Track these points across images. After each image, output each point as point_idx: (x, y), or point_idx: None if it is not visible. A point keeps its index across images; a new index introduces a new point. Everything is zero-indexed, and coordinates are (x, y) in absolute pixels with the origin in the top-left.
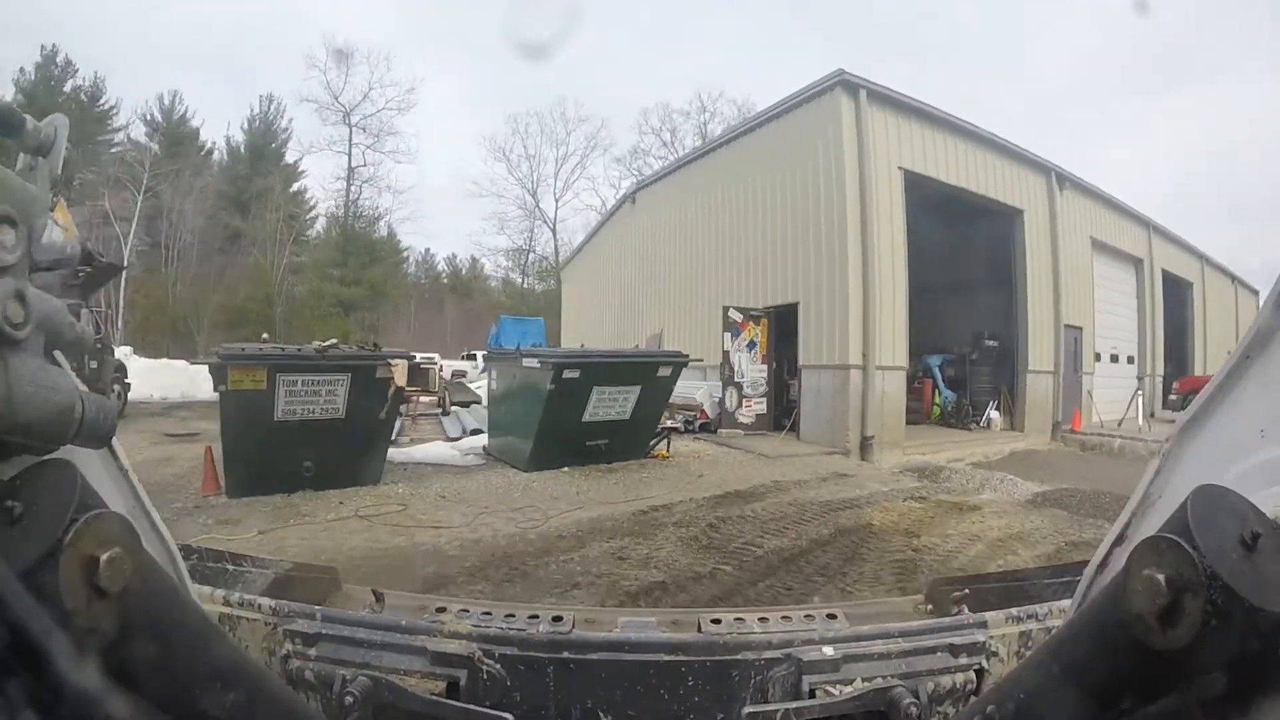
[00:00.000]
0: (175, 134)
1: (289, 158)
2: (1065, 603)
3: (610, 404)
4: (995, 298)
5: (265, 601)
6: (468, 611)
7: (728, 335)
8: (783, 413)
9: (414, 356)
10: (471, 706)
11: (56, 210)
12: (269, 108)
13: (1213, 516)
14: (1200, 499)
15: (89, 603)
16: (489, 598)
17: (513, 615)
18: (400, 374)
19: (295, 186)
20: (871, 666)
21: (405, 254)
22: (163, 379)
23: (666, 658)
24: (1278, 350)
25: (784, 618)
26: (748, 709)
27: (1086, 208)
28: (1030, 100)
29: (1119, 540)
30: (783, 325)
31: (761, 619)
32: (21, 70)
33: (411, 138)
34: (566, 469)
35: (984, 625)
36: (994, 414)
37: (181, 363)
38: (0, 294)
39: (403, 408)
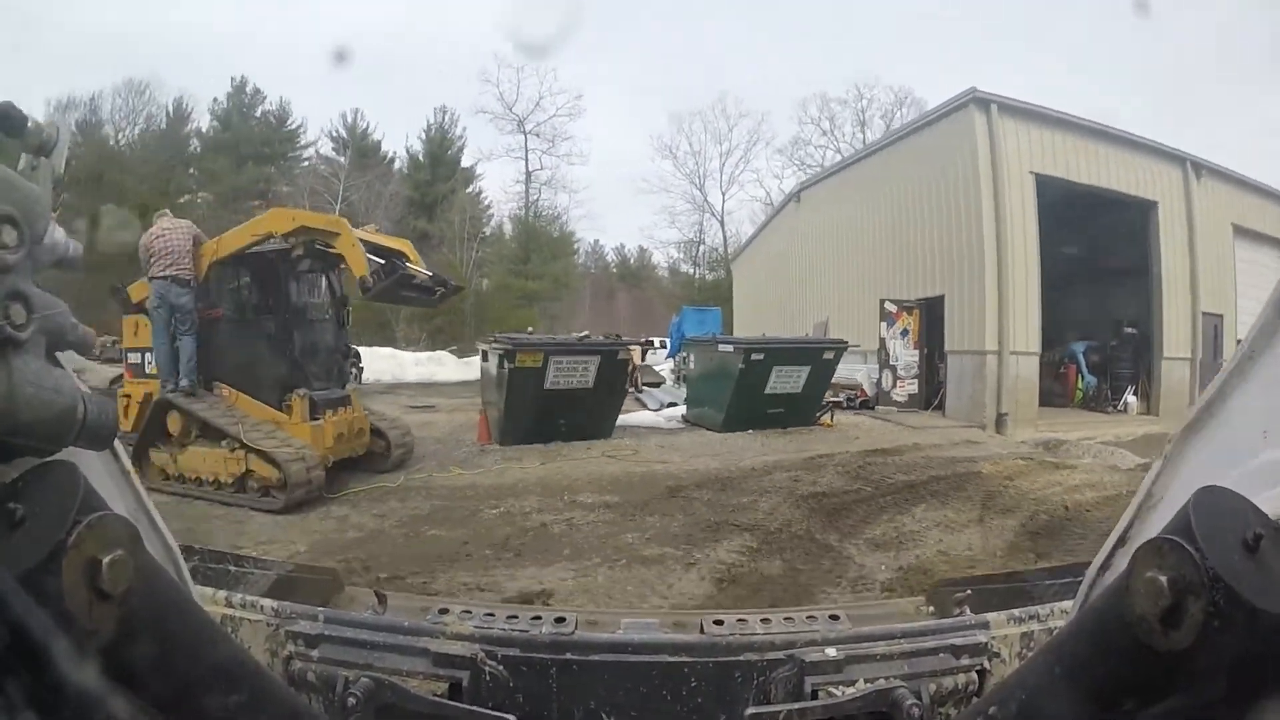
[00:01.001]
0: (360, 147)
1: (465, 162)
2: (1067, 604)
3: (786, 380)
4: (1135, 286)
5: (267, 603)
6: (470, 613)
7: (884, 324)
8: (932, 393)
9: (652, 343)
10: (474, 708)
11: (369, 233)
12: (443, 118)
13: (1215, 518)
14: (1202, 500)
15: (91, 605)
16: (689, 512)
17: (515, 616)
18: (636, 356)
19: (473, 189)
20: (874, 667)
21: (576, 246)
22: (375, 365)
23: (669, 659)
24: None
25: (786, 619)
26: (750, 710)
27: (1228, 194)
28: (1174, 82)
29: (1121, 541)
30: (932, 314)
31: (764, 620)
32: (215, 100)
33: (584, 141)
34: (751, 431)
35: (986, 626)
36: (1131, 399)
37: (388, 350)
38: (2, 295)
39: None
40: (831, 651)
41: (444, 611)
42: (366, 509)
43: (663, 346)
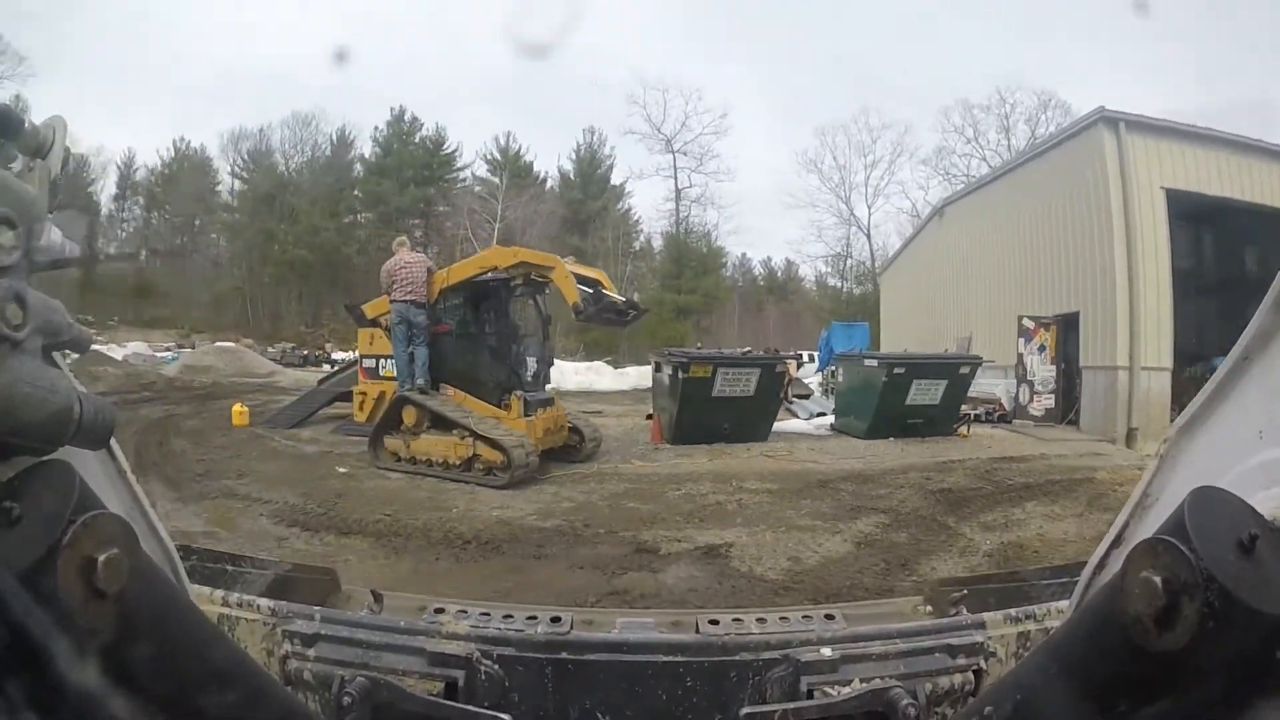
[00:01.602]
0: (515, 168)
1: (614, 180)
2: (1063, 604)
3: (925, 392)
4: None
5: (264, 602)
6: (466, 612)
7: (1021, 340)
8: (1068, 407)
9: (802, 356)
10: (469, 707)
11: (573, 264)
12: (592, 138)
13: (1210, 518)
14: (1198, 501)
15: (87, 603)
16: (835, 498)
17: (511, 616)
18: (792, 369)
19: (622, 206)
20: (870, 667)
21: (724, 260)
22: None
23: (664, 658)
24: (1276, 352)
25: (782, 619)
26: (746, 709)
27: None
28: None
29: (1117, 542)
30: (1068, 330)
31: (759, 620)
32: (377, 128)
33: (731, 158)
34: (892, 439)
35: (982, 626)
36: None
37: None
38: (0, 295)
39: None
40: (827, 651)
41: (440, 611)
42: (572, 488)
43: (812, 361)
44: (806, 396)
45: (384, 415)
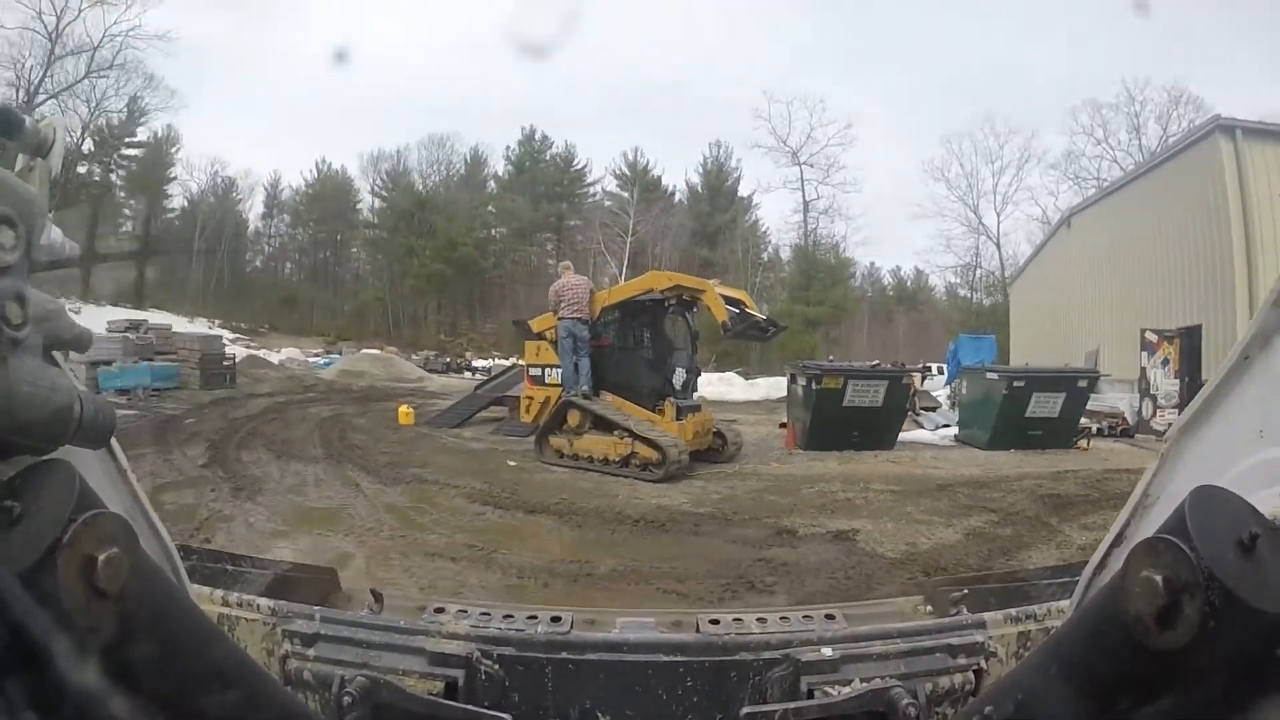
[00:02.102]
0: (644, 182)
1: (742, 192)
2: (1064, 603)
3: (1044, 405)
4: None
5: (264, 602)
6: (466, 612)
7: (1144, 353)
8: None
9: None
10: (469, 707)
11: (720, 286)
12: (718, 151)
13: (1211, 518)
14: (1198, 500)
15: (87, 603)
16: (952, 499)
17: (511, 616)
18: (917, 382)
19: (750, 219)
20: (870, 667)
21: (852, 270)
22: None
23: (665, 658)
24: (1276, 351)
25: (782, 618)
26: (746, 709)
27: None
28: None
29: (1117, 541)
30: (1191, 343)
31: (760, 619)
32: (508, 147)
33: (857, 169)
34: (1012, 450)
35: (983, 626)
36: None
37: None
38: (0, 294)
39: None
40: (827, 651)
41: (440, 611)
42: (718, 484)
43: (940, 373)
44: (934, 409)
45: (550, 417)
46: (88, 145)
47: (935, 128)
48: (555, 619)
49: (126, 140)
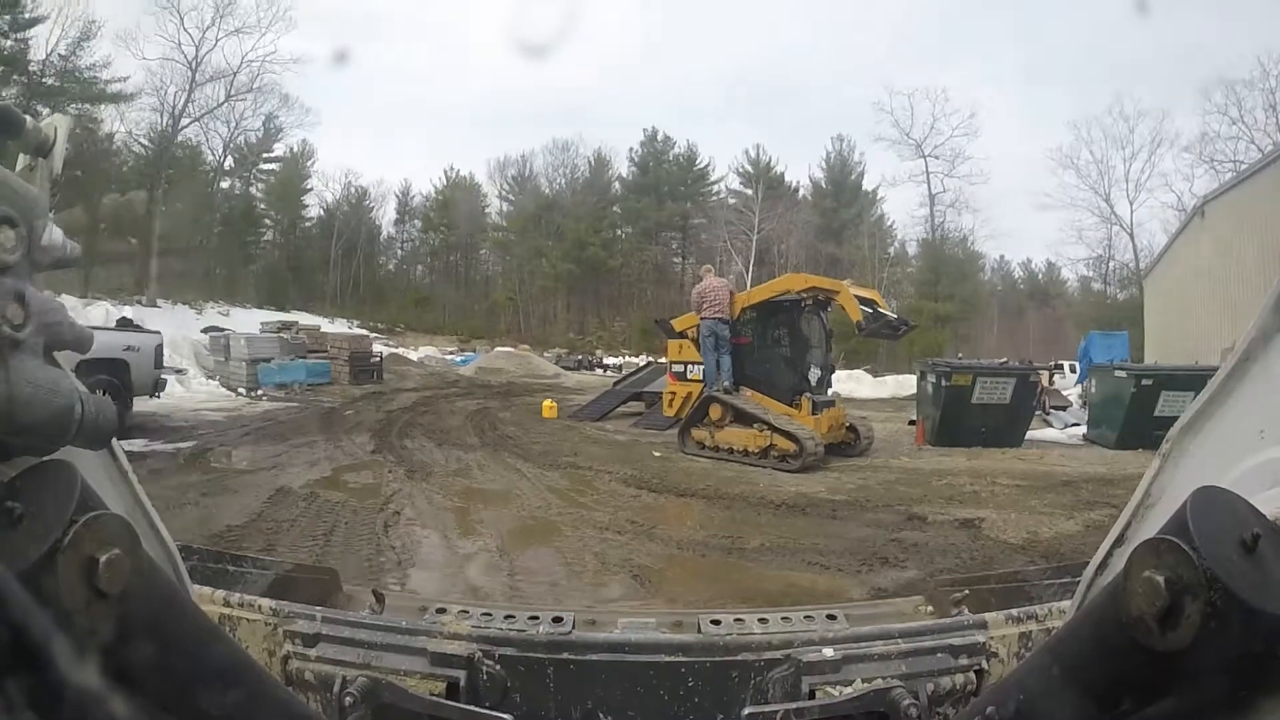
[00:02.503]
0: (767, 179)
1: (866, 187)
2: (1065, 604)
3: (1173, 404)
4: None
5: (265, 602)
6: (468, 613)
7: None
8: None
9: (1061, 366)
10: (471, 707)
11: (853, 286)
12: (840, 145)
13: (1212, 518)
14: (1200, 500)
15: (88, 604)
16: (1075, 494)
17: (512, 616)
18: (1045, 379)
19: (875, 213)
20: (871, 667)
21: (981, 263)
22: None
23: (666, 659)
24: (1277, 351)
25: (784, 618)
26: (747, 710)
27: None
28: None
29: (1119, 541)
30: None
31: (761, 620)
32: (631, 149)
33: (983, 160)
34: (1140, 450)
35: (984, 626)
36: None
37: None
38: (0, 295)
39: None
40: (829, 651)
41: (441, 611)
42: (851, 475)
43: (1072, 371)
44: (1063, 408)
45: (692, 411)
46: (229, 162)
47: (1061, 113)
48: (557, 619)
49: (264, 156)
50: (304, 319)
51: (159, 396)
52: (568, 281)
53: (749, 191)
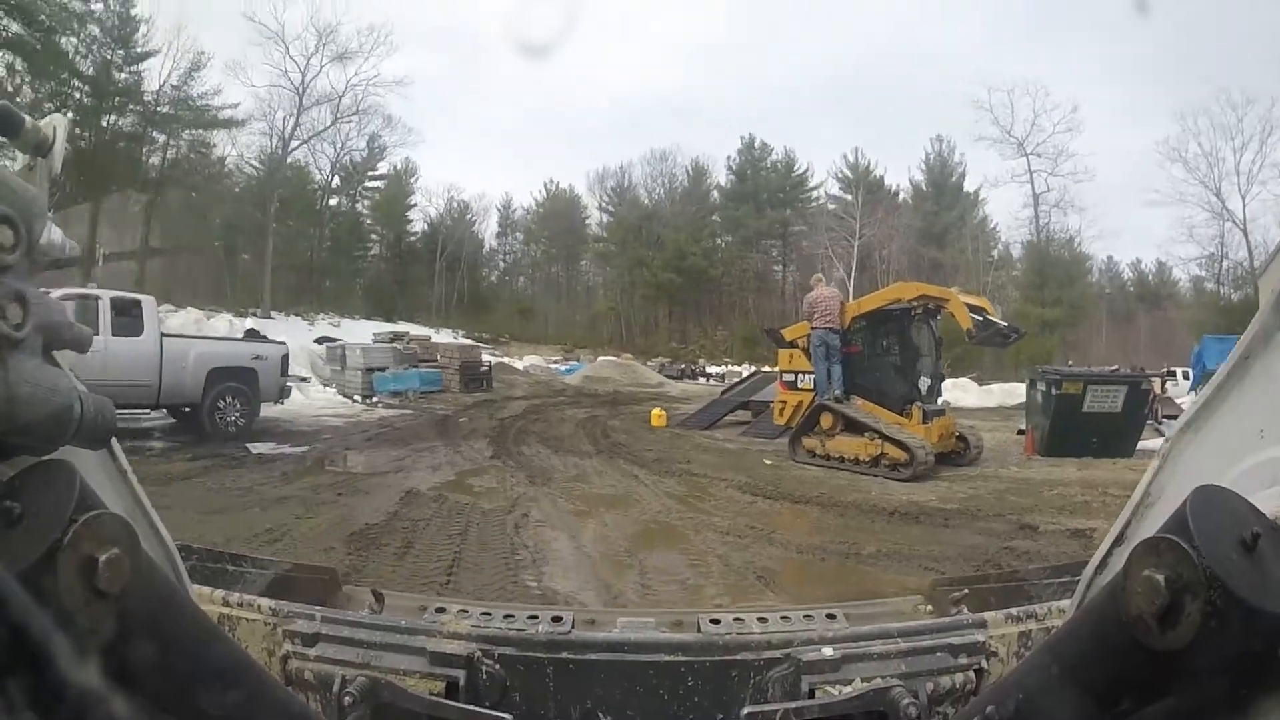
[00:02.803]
0: (866, 183)
1: (967, 188)
2: (1065, 603)
3: None
4: None
5: (265, 602)
6: (467, 612)
7: None
8: None
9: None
10: (471, 707)
11: (963, 294)
12: (940, 146)
13: (1212, 517)
14: (1199, 499)
15: (88, 603)
16: None
17: (512, 616)
18: (1156, 387)
19: (979, 215)
20: (871, 667)
21: (1087, 264)
22: None
23: (666, 658)
24: (1277, 351)
25: (783, 618)
26: (747, 709)
27: None
28: None
29: (1118, 541)
30: None
31: (761, 619)
32: (729, 157)
33: (1087, 157)
34: None
35: (983, 625)
36: None
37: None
38: (0, 294)
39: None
40: (828, 650)
41: (441, 611)
42: (961, 484)
43: (1185, 378)
44: (1175, 416)
45: (803, 419)
46: (335, 181)
47: (1166, 104)
48: (556, 619)
49: (369, 174)
50: (412, 329)
51: (284, 403)
52: (669, 291)
53: (849, 197)
